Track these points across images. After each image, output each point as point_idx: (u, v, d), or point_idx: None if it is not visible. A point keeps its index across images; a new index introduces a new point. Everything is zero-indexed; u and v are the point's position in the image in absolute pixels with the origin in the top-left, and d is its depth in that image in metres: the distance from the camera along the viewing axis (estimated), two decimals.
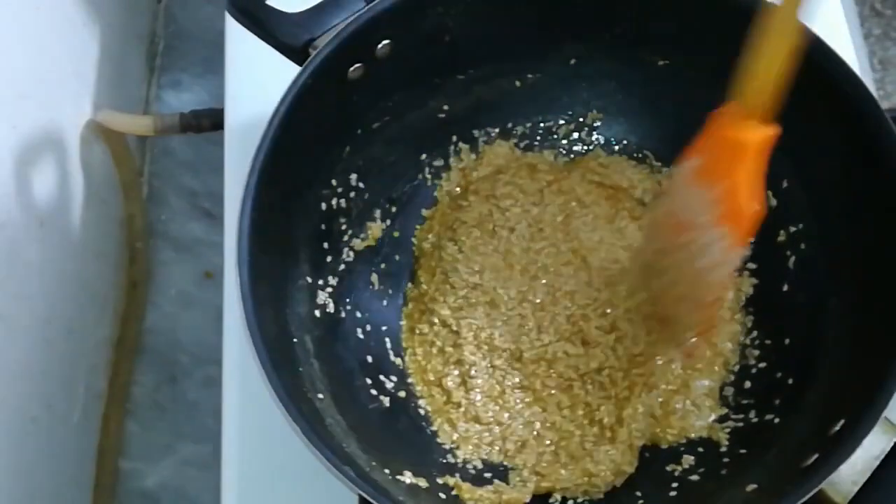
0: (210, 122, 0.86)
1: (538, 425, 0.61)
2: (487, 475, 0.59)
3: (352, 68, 0.59)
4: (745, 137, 0.50)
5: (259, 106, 0.56)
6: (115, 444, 0.98)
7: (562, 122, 0.69)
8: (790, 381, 0.60)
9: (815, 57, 0.57)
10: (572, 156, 0.69)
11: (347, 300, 0.63)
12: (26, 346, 0.78)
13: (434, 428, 0.62)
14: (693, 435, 0.61)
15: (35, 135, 0.79)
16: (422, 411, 0.62)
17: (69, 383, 0.89)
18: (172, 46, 1.16)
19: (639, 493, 0.58)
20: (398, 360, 0.64)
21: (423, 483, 0.57)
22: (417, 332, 0.64)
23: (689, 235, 0.53)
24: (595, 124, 0.69)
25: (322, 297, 0.61)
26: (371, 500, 0.48)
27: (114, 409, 0.98)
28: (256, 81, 0.72)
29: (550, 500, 0.58)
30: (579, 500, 0.58)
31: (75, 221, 0.88)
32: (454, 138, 0.68)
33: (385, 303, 0.65)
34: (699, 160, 0.53)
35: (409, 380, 0.63)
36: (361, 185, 0.65)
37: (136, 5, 1.11)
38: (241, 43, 0.75)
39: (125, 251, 1.03)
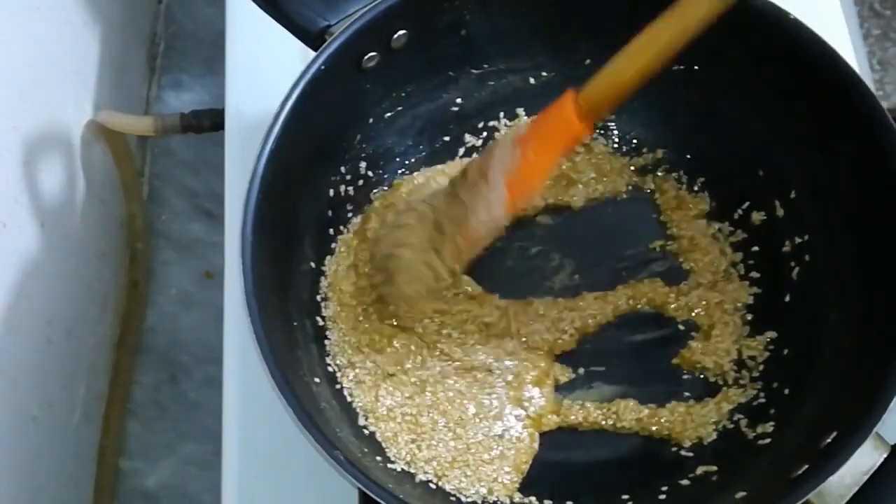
0: (210, 122, 0.86)
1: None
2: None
3: (367, 56, 0.59)
4: (564, 127, 0.54)
5: (260, 106, 0.56)
6: (115, 443, 0.98)
7: None
8: (786, 392, 0.60)
9: (817, 59, 0.57)
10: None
11: None
12: (27, 346, 0.78)
13: None
14: (686, 440, 0.61)
15: (36, 135, 0.79)
16: None
17: (70, 383, 0.89)
18: (173, 47, 1.16)
19: (627, 497, 0.58)
20: None
21: (413, 470, 0.57)
22: None
23: (482, 184, 0.56)
24: (608, 125, 0.69)
25: (325, 282, 0.62)
26: (363, 489, 0.48)
27: (114, 409, 0.98)
28: (257, 82, 0.72)
29: (526, 500, 0.59)
30: None
31: (76, 222, 0.88)
32: (465, 131, 0.68)
33: None
34: (527, 128, 0.56)
35: None
36: (370, 173, 0.65)
37: (137, 6, 1.11)
38: (241, 43, 0.75)
39: (126, 251, 1.03)
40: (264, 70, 0.66)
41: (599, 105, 0.53)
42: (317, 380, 0.56)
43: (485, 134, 0.69)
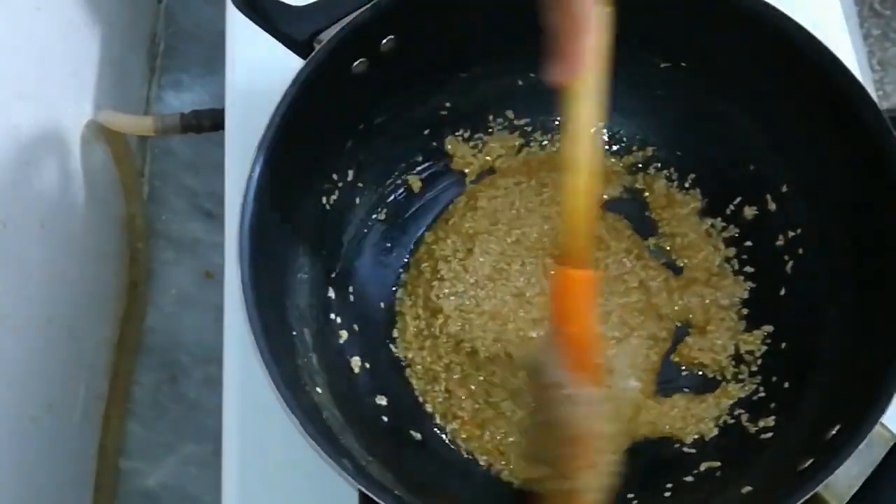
0: (210, 122, 0.86)
1: None
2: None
3: (356, 63, 0.59)
4: (566, 280, 0.51)
5: (259, 106, 0.56)
6: (115, 443, 0.98)
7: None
8: (786, 385, 0.60)
9: (813, 58, 0.57)
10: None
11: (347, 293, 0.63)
12: (27, 346, 0.78)
13: (438, 422, 0.62)
14: (688, 436, 0.61)
15: (36, 135, 0.79)
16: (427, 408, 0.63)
17: (70, 383, 0.89)
18: (173, 47, 1.16)
19: (632, 495, 0.58)
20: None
21: None
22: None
23: (553, 391, 0.52)
24: (598, 125, 0.69)
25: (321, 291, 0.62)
26: (370, 495, 0.48)
27: (114, 409, 0.98)
28: (257, 81, 0.73)
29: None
30: None
31: (76, 222, 0.88)
32: (455, 135, 0.68)
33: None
34: (553, 323, 0.52)
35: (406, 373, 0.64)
36: (362, 180, 0.65)
37: (137, 6, 1.11)
38: (241, 43, 0.75)
39: (126, 251, 1.03)
40: (264, 70, 0.65)
41: (580, 247, 0.50)
42: (318, 389, 0.56)
43: (476, 136, 0.69)
